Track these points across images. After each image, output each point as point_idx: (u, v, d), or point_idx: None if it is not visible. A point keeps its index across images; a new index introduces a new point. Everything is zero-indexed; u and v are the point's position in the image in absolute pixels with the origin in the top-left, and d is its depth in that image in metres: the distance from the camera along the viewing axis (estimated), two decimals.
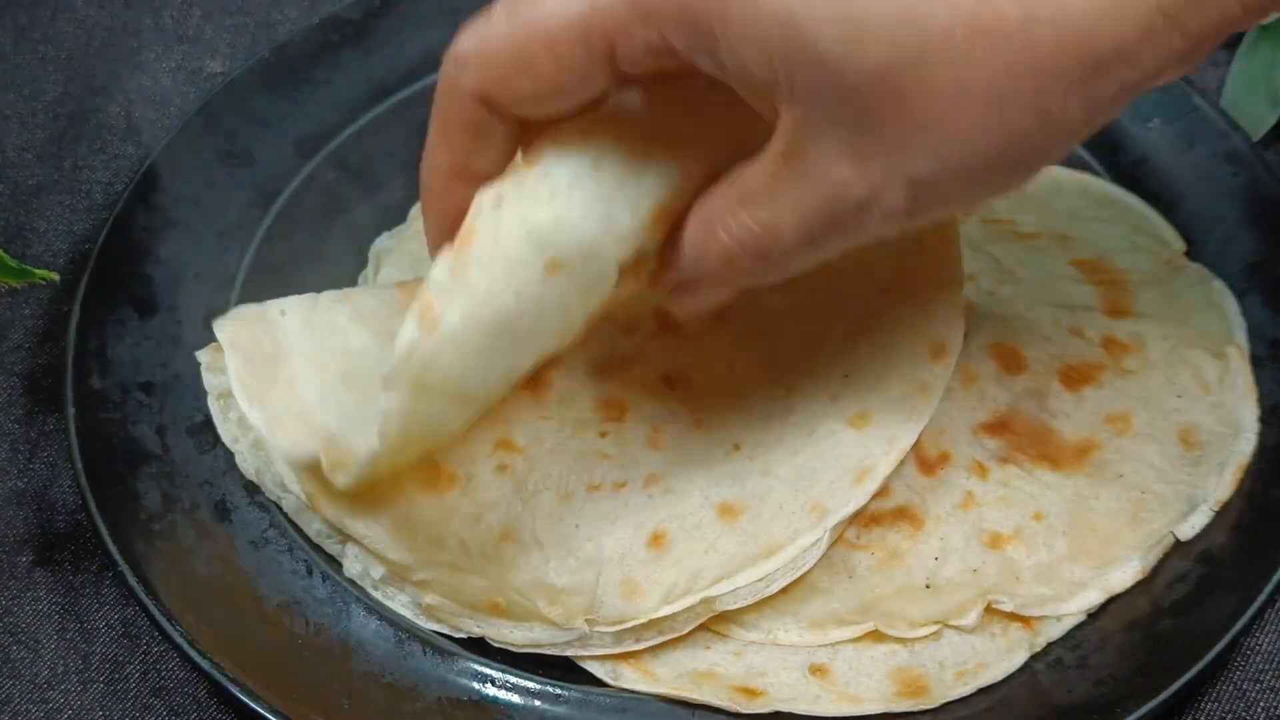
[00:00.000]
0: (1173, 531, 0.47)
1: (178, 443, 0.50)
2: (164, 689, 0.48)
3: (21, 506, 0.52)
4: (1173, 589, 0.46)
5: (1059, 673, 0.45)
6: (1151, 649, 0.45)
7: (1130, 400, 0.50)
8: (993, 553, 0.47)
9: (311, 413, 0.45)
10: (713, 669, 0.45)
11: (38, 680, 0.48)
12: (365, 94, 0.60)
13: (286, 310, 0.47)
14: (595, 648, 0.45)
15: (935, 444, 0.49)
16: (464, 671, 0.45)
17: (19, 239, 0.59)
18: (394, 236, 0.57)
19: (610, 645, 0.45)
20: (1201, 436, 0.49)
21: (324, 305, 0.48)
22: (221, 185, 0.57)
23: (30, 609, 0.49)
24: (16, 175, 0.61)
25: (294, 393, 0.45)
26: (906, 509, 0.48)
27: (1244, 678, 0.46)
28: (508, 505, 0.46)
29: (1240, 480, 0.48)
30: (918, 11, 0.34)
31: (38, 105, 0.64)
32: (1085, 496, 0.48)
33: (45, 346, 0.56)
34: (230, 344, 0.46)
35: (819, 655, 0.46)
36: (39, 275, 0.48)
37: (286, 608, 0.47)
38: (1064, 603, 0.46)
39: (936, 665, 0.45)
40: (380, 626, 0.46)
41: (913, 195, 0.37)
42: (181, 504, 0.49)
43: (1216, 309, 0.52)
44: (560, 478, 0.47)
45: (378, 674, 0.45)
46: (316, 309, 0.47)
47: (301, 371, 0.45)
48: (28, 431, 0.54)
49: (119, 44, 0.66)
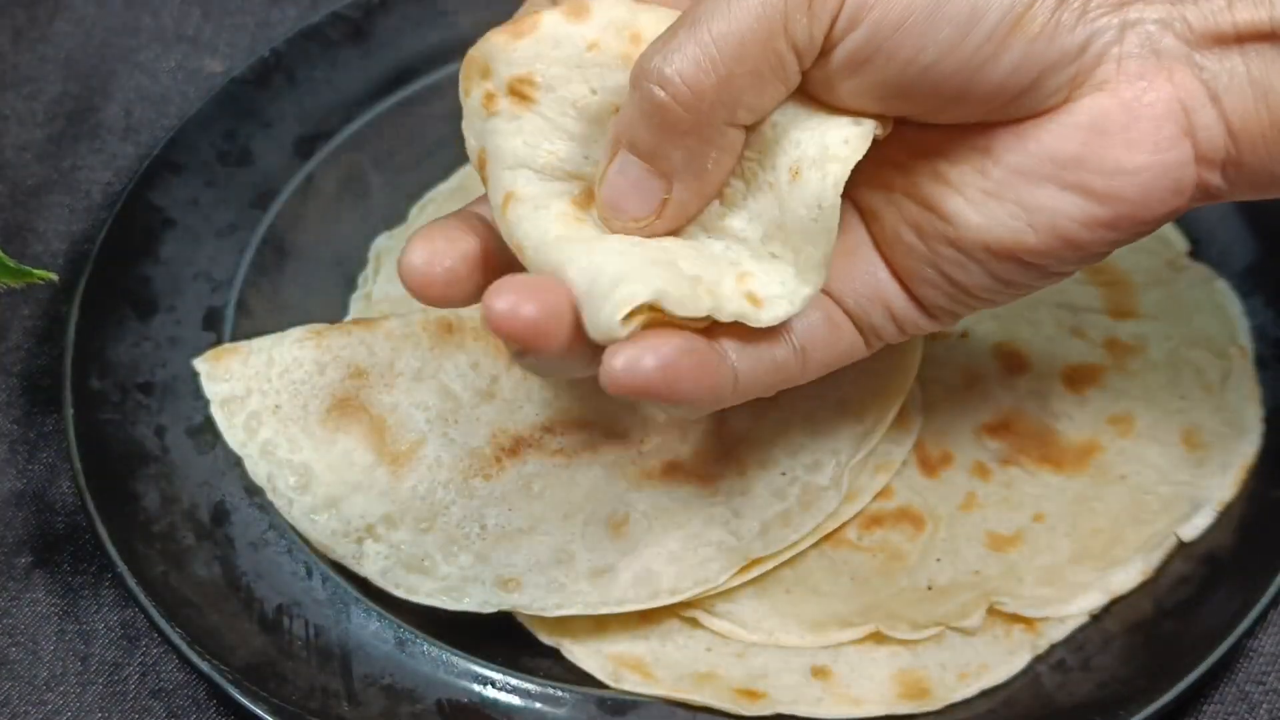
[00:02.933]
0: (1176, 533, 0.47)
1: (177, 443, 0.50)
2: (163, 691, 0.48)
3: (20, 507, 0.52)
4: (1176, 590, 0.46)
5: (1062, 674, 0.45)
6: (1154, 651, 0.45)
7: (1133, 401, 0.50)
8: (995, 554, 0.47)
9: None
10: (714, 671, 0.45)
11: (36, 682, 0.48)
12: (365, 94, 0.60)
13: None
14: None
15: (937, 445, 0.49)
16: (464, 673, 0.45)
17: (18, 239, 0.59)
18: (394, 236, 0.57)
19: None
20: (1205, 437, 0.49)
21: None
22: (221, 185, 0.57)
23: (29, 610, 0.49)
24: (15, 175, 0.61)
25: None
26: (908, 510, 0.48)
27: (1247, 679, 0.46)
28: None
29: (1244, 481, 0.48)
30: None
31: (37, 105, 0.63)
32: (1088, 498, 0.48)
33: (44, 347, 0.56)
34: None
35: (821, 657, 0.45)
36: (38, 275, 0.48)
37: (286, 609, 0.46)
38: (1067, 604, 0.46)
39: (939, 667, 0.45)
40: (380, 628, 0.46)
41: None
42: (180, 505, 0.49)
43: (1220, 310, 0.52)
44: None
45: (378, 676, 0.45)
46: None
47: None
48: (26, 432, 0.54)
49: (118, 43, 0.66)
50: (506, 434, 0.49)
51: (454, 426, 0.49)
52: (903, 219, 0.40)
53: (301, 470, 0.48)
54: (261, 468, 0.49)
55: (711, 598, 0.46)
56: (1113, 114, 0.37)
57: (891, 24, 0.36)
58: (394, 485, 0.48)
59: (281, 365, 0.50)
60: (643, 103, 0.36)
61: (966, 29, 0.35)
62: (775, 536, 0.47)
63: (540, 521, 0.47)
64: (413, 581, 0.47)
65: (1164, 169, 0.37)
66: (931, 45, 0.36)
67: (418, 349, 0.50)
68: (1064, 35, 0.36)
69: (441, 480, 0.48)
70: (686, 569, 0.46)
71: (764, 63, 0.36)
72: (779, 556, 0.47)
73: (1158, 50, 0.37)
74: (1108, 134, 0.37)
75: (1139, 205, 0.37)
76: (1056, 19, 0.36)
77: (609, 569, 0.46)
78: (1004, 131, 0.38)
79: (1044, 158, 0.37)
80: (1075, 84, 0.37)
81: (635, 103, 0.37)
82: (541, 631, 0.46)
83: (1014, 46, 0.36)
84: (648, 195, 0.38)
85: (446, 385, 0.50)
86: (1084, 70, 0.37)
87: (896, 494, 0.48)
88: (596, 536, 0.47)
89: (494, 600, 0.46)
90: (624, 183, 0.38)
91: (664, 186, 0.38)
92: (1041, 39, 0.36)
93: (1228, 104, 0.37)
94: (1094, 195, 0.37)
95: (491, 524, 0.47)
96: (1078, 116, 0.37)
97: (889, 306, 0.41)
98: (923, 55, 0.36)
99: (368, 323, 0.51)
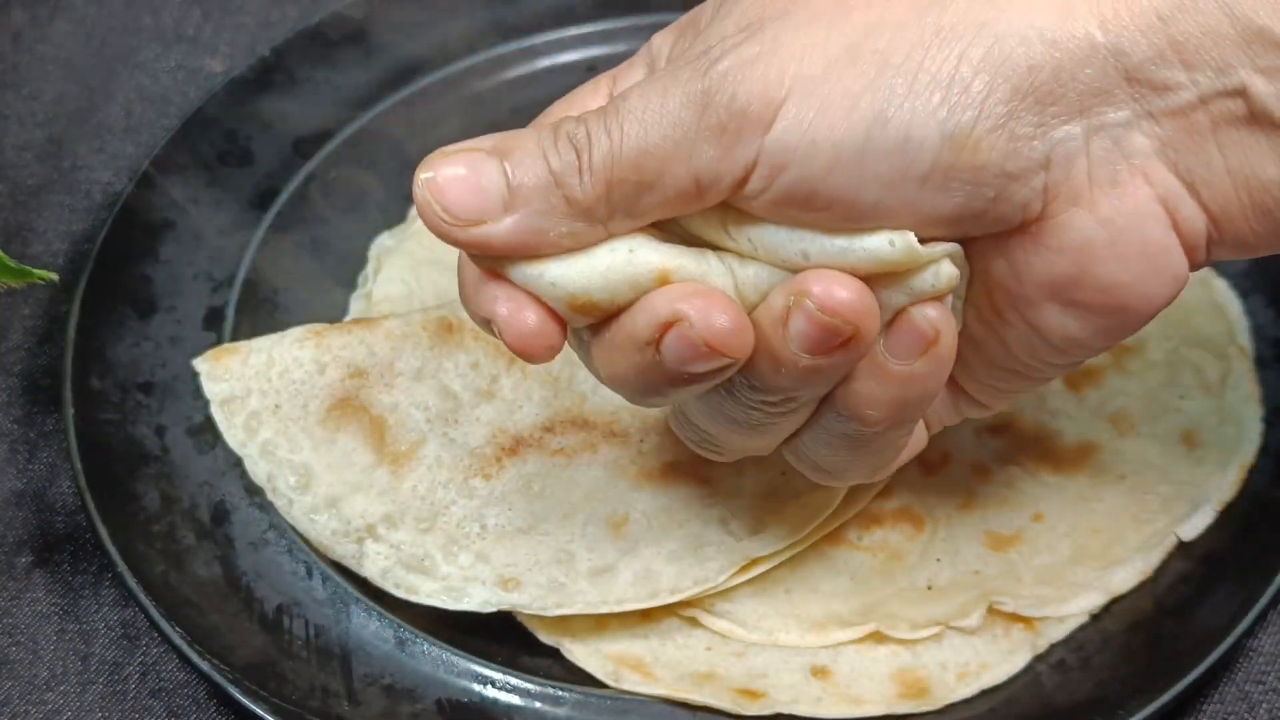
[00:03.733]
0: (1175, 532, 0.47)
1: (177, 443, 0.50)
2: (163, 690, 0.48)
3: (20, 507, 0.52)
4: (1175, 590, 0.46)
5: (1061, 674, 0.45)
6: (1154, 650, 0.45)
7: (1132, 401, 0.50)
8: (995, 554, 0.47)
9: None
10: (714, 670, 0.45)
11: (36, 681, 0.48)
12: (365, 94, 0.60)
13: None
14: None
15: (937, 445, 0.49)
16: (464, 673, 0.45)
17: (18, 239, 0.59)
18: (394, 236, 0.57)
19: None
20: (1204, 437, 0.49)
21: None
22: (221, 185, 0.57)
23: (29, 610, 0.49)
24: (15, 175, 0.61)
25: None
26: (908, 510, 0.48)
27: (1247, 679, 0.46)
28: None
29: (1243, 481, 0.48)
30: None
31: (37, 105, 0.63)
32: (1087, 497, 0.48)
33: (44, 347, 0.56)
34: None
35: (820, 657, 0.45)
36: (38, 275, 0.48)
37: (286, 609, 0.46)
38: (1066, 604, 0.46)
39: (939, 667, 0.45)
40: (380, 628, 0.46)
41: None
42: (181, 504, 0.49)
43: (1219, 309, 0.52)
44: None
45: (378, 675, 0.45)
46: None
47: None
48: (26, 432, 0.54)
49: (118, 43, 0.66)
50: (506, 434, 0.49)
51: (454, 426, 0.49)
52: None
53: (301, 470, 0.48)
54: (261, 468, 0.49)
55: (711, 597, 0.46)
56: (1094, 232, 0.35)
57: (822, 167, 0.34)
58: (394, 485, 0.48)
59: (281, 365, 0.50)
60: (549, 151, 0.36)
61: (903, 163, 0.34)
62: (773, 536, 0.47)
63: (540, 521, 0.48)
64: (413, 581, 0.47)
65: (1156, 270, 0.36)
66: (872, 183, 0.34)
67: (418, 349, 0.50)
68: (1021, 149, 0.34)
69: (442, 480, 0.48)
70: (686, 568, 0.46)
71: (658, 179, 0.35)
72: (778, 556, 0.47)
73: (1128, 153, 0.35)
74: (1093, 252, 0.35)
75: (1142, 303, 0.36)
76: (1009, 132, 0.34)
77: (609, 568, 0.46)
78: (996, 258, 0.37)
79: (1037, 284, 0.36)
80: (1049, 198, 0.35)
81: (543, 144, 0.36)
82: (541, 631, 0.46)
83: (962, 171, 0.34)
84: (480, 203, 0.35)
85: (447, 385, 0.50)
86: (1054, 184, 0.35)
87: (896, 494, 0.48)
88: (596, 536, 0.47)
89: (494, 600, 0.46)
90: (469, 172, 0.36)
91: (499, 213, 0.35)
92: (995, 157, 0.34)
93: (1206, 195, 0.35)
94: (1095, 310, 0.36)
95: (492, 524, 0.47)
96: (1060, 238, 0.35)
97: (944, 409, 0.42)
98: (864, 195, 0.34)
99: (368, 323, 0.51)
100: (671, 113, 0.35)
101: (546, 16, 0.62)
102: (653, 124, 0.35)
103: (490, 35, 0.62)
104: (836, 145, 0.34)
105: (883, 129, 0.33)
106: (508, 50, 0.62)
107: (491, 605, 0.46)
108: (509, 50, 0.62)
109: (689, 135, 0.34)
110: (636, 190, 0.35)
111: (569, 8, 0.63)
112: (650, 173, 0.35)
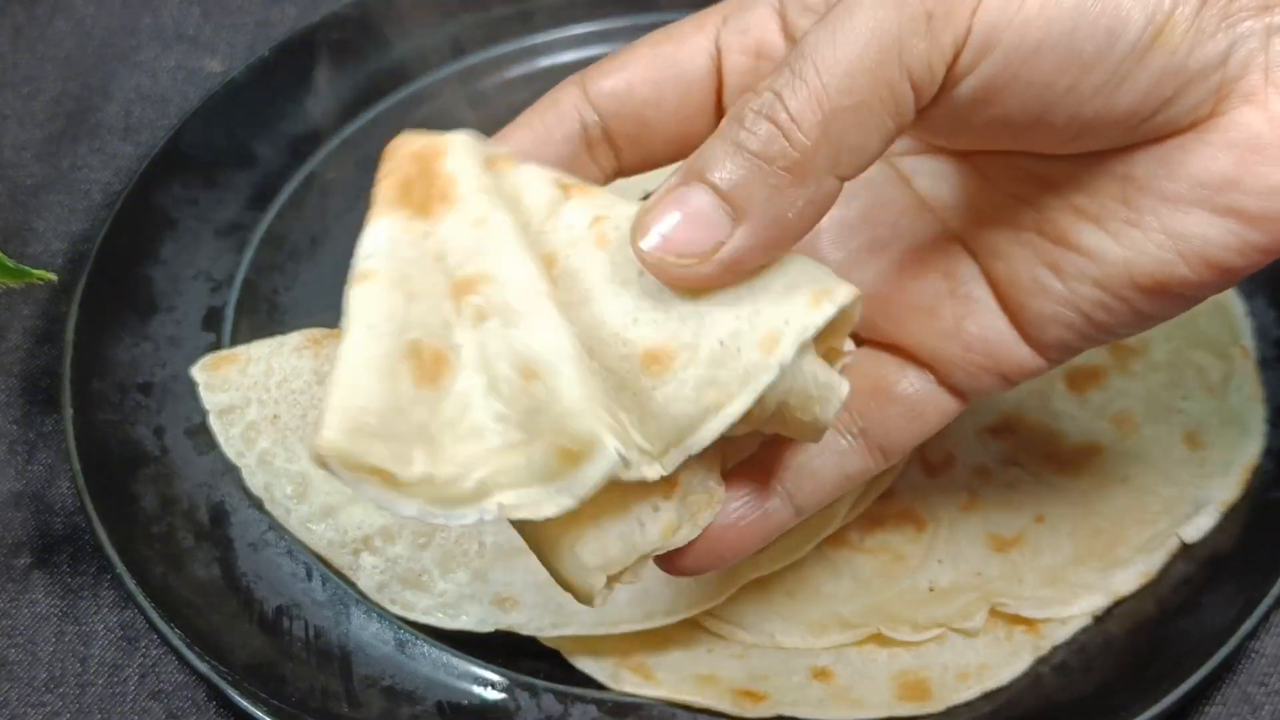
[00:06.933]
0: (1178, 534, 0.47)
1: (176, 444, 0.50)
2: (162, 692, 0.47)
3: (19, 508, 0.52)
4: (1178, 592, 0.46)
5: (1063, 676, 0.45)
6: (1156, 652, 0.44)
7: (1135, 402, 0.50)
8: (997, 555, 0.47)
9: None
10: (714, 672, 0.45)
11: (35, 683, 0.47)
12: (365, 94, 0.60)
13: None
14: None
15: (939, 446, 0.49)
16: (464, 675, 0.45)
17: (17, 239, 0.59)
18: None
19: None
20: (1207, 438, 0.49)
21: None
22: (221, 185, 0.57)
23: (28, 611, 0.49)
24: (15, 175, 0.61)
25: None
26: (910, 511, 0.48)
27: (1249, 681, 0.46)
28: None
29: (1246, 482, 0.48)
30: None
31: (36, 104, 0.63)
32: (1089, 499, 0.48)
33: (43, 347, 0.56)
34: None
35: (822, 659, 0.45)
36: (37, 275, 0.48)
37: (286, 610, 0.46)
38: (1068, 606, 0.46)
39: (940, 669, 0.45)
40: (380, 630, 0.46)
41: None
42: (180, 506, 0.48)
43: (1223, 310, 0.52)
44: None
45: (378, 677, 0.45)
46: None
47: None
48: (25, 433, 0.53)
49: (117, 43, 0.66)
50: None
51: None
52: (1037, 259, 0.37)
53: (299, 479, 0.48)
54: (259, 477, 0.49)
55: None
56: (1264, 130, 0.34)
57: (1030, 46, 0.32)
58: None
59: (280, 374, 0.50)
60: (741, 137, 0.33)
61: (1108, 44, 0.33)
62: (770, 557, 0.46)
63: None
64: (409, 597, 0.46)
65: None
66: (1073, 66, 0.33)
67: None
68: (1205, 43, 0.33)
69: None
70: (683, 589, 0.46)
71: (873, 95, 0.32)
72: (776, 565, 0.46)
73: None
74: (1260, 151, 0.34)
75: None
76: (1198, 25, 0.33)
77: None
78: (1144, 155, 0.35)
79: (1192, 182, 0.34)
80: (1220, 96, 0.34)
81: (729, 138, 0.33)
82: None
83: (1153, 61, 0.33)
84: (708, 230, 0.33)
85: None
86: (1228, 81, 0.34)
87: (898, 495, 0.48)
88: None
89: (491, 619, 0.46)
90: (683, 211, 0.33)
91: (729, 227, 0.33)
92: (1182, 49, 0.33)
93: None
94: (1249, 219, 0.34)
95: (489, 541, 0.47)
96: (1227, 134, 0.34)
97: (998, 360, 0.39)
98: (1061, 79, 0.33)
99: None
100: (867, 21, 0.32)
101: (546, 16, 0.62)
102: (849, 41, 0.32)
103: (490, 35, 0.62)
104: (1049, 20, 0.32)
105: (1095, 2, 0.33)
106: (508, 50, 0.62)
107: (488, 625, 0.46)
108: (509, 50, 0.62)
109: (893, 33, 0.32)
110: (855, 115, 0.32)
111: (569, 8, 0.63)
112: (862, 90, 0.32)
